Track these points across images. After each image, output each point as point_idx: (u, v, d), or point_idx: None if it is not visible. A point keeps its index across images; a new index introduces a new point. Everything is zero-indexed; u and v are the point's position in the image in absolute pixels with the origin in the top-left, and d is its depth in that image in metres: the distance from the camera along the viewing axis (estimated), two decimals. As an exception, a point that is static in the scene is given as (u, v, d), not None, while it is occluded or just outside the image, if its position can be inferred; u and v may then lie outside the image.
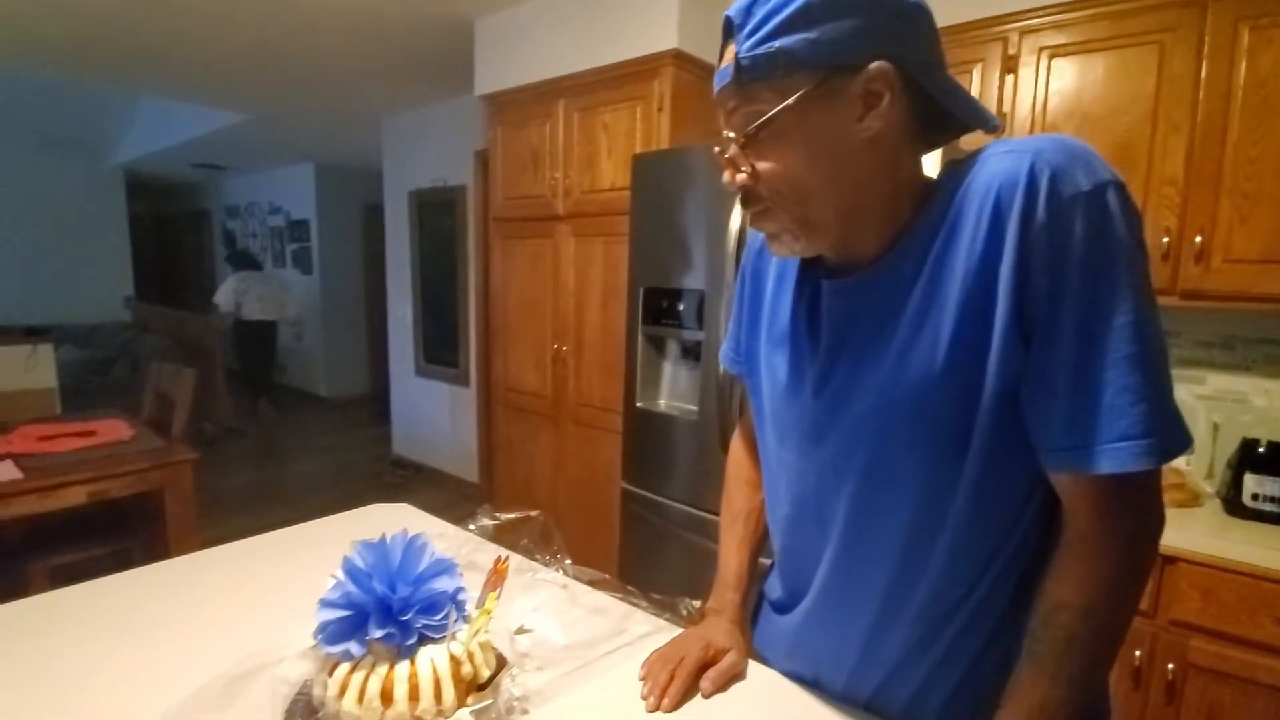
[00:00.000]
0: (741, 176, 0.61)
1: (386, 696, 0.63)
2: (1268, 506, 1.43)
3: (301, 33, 2.89)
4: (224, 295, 5.62)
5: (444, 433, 4.32)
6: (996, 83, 1.78)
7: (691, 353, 1.99)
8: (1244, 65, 1.48)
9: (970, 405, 0.57)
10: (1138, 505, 0.56)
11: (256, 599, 0.93)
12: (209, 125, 4.82)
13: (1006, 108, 1.77)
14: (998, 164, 0.55)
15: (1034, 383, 0.55)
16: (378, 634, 0.64)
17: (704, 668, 0.76)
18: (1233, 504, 1.48)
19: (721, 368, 0.92)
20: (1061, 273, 0.52)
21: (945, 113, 0.61)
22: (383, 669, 0.64)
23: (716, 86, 0.61)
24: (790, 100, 0.56)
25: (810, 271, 0.70)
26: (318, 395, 6.76)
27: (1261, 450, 1.46)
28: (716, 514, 1.82)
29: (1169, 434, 0.52)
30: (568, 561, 1.04)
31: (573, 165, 2.43)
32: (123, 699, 0.71)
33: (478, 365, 3.96)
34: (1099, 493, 0.55)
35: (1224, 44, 1.49)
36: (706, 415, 1.84)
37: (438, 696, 0.65)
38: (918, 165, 0.63)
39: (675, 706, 0.72)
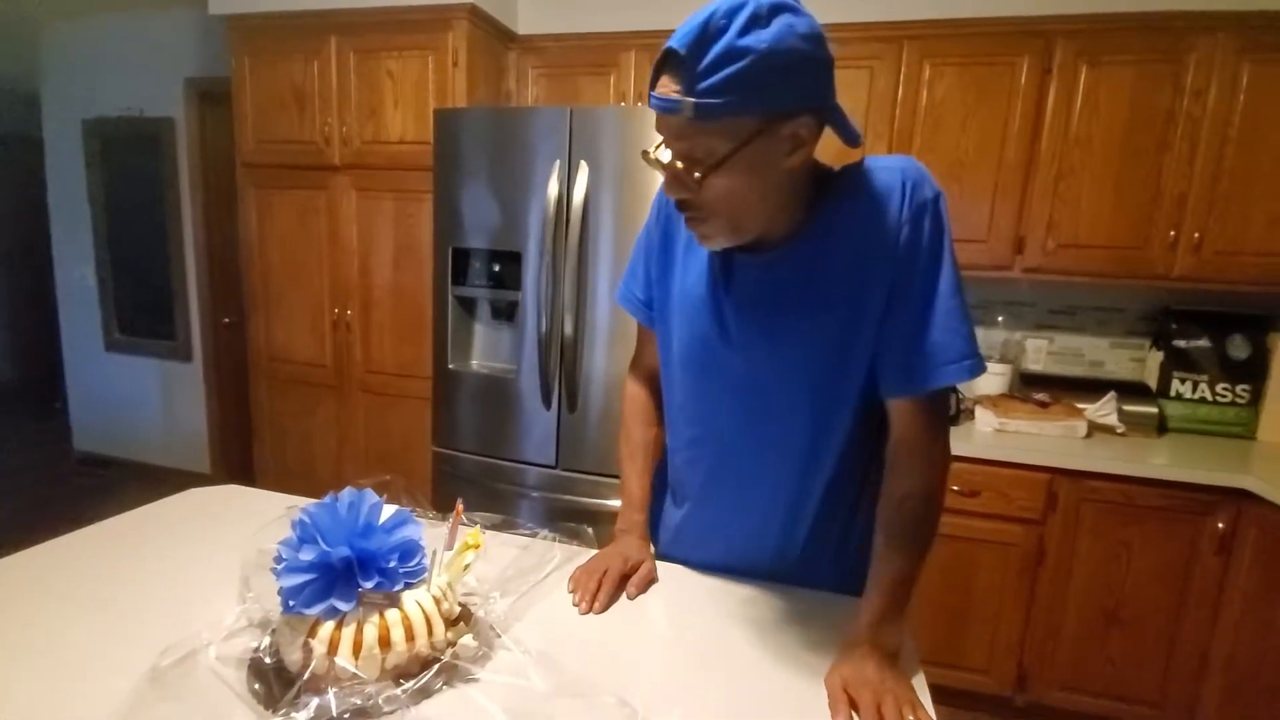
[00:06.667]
0: (686, 194, 0.71)
1: (384, 642, 0.64)
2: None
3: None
4: None
5: (154, 419, 3.60)
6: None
7: (504, 313, 2.02)
8: (924, 92, 2.00)
9: (849, 347, 0.77)
10: (944, 423, 0.79)
11: (109, 600, 0.79)
12: None
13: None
14: (879, 178, 0.74)
15: (890, 330, 0.74)
16: (369, 585, 0.64)
17: (625, 577, 0.89)
18: None
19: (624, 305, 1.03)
20: (915, 252, 0.72)
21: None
22: (374, 618, 0.64)
23: (658, 109, 0.67)
24: (739, 143, 0.66)
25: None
26: (-77, 385, 5.03)
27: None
28: (536, 464, 1.92)
29: (979, 358, 0.74)
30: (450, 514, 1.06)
31: (350, 112, 2.22)
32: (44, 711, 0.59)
33: (203, 335, 3.37)
34: (925, 412, 0.76)
35: (914, 74, 2.00)
36: (526, 371, 1.91)
37: (430, 633, 0.67)
38: (814, 169, 0.78)
39: (605, 608, 0.85)
